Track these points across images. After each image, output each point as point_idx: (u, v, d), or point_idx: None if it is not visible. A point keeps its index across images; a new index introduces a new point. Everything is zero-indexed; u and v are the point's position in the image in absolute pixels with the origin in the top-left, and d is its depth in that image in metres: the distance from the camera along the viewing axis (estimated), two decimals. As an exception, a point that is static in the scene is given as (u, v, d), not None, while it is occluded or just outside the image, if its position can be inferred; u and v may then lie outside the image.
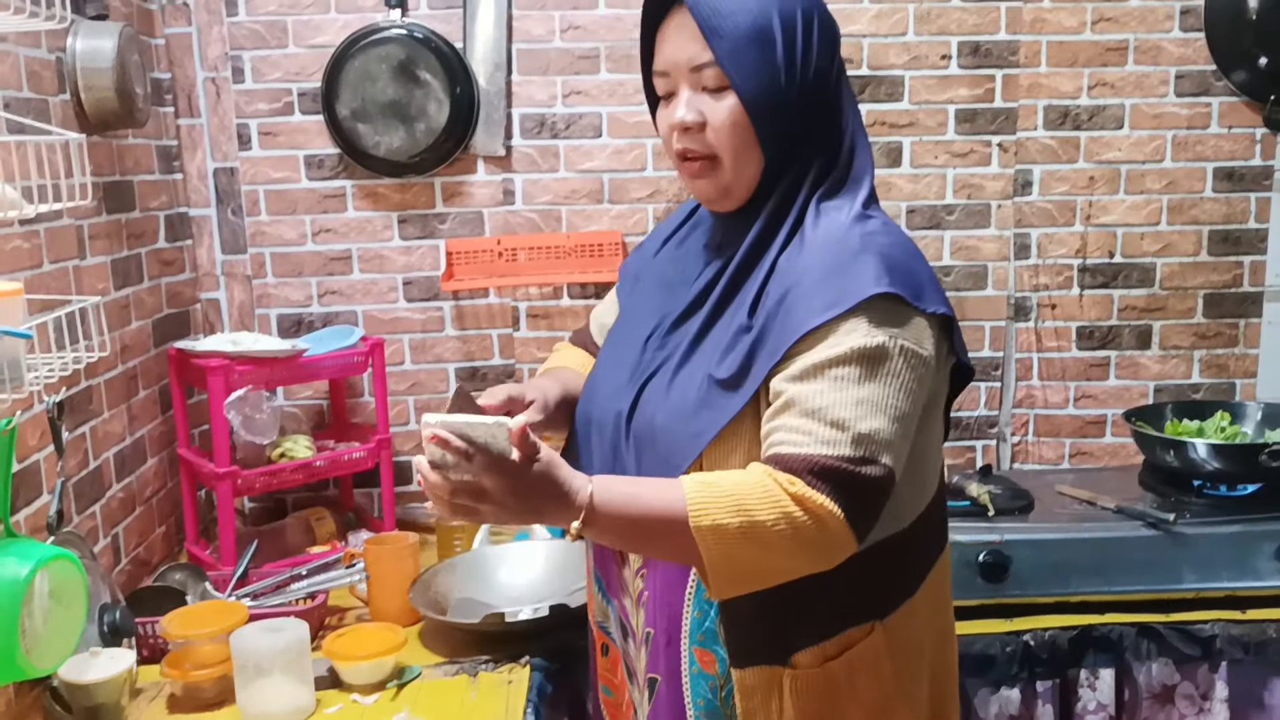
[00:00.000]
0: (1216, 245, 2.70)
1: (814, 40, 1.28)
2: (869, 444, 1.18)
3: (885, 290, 1.21)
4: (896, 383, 1.21)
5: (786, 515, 1.16)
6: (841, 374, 1.20)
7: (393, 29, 2.50)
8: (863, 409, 1.19)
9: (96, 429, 2.12)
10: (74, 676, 1.70)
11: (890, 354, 1.20)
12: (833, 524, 1.17)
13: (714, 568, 1.19)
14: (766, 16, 1.26)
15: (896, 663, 1.34)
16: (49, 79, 1.98)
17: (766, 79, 1.26)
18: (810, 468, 1.17)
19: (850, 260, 1.23)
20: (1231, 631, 2.09)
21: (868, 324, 1.20)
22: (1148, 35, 2.62)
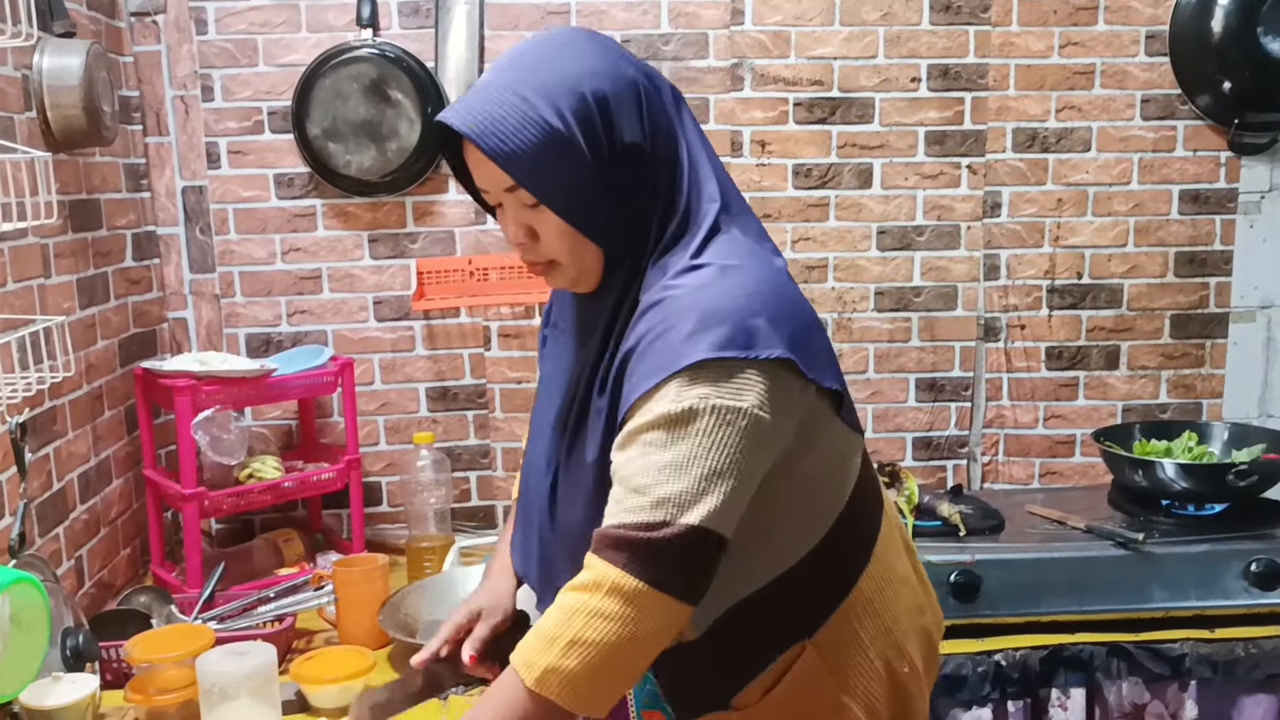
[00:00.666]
0: (1183, 267, 2.73)
1: (613, 117, 1.23)
2: (667, 507, 1.16)
3: (699, 359, 1.17)
4: (707, 441, 1.17)
5: (593, 614, 1.16)
6: (649, 439, 1.18)
7: (364, 48, 2.49)
8: (665, 472, 1.17)
9: (60, 450, 2.09)
10: (35, 702, 1.67)
11: (699, 414, 1.17)
12: (641, 597, 1.15)
13: (574, 702, 1.18)
14: (553, 121, 1.20)
15: (836, 668, 1.33)
16: (15, 96, 1.96)
17: (574, 182, 1.22)
18: (609, 541, 1.17)
19: (674, 325, 1.19)
20: (1200, 650, 2.10)
21: (678, 388, 1.18)
22: (1114, 60, 2.65)
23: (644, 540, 1.15)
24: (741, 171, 2.64)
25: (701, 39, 2.59)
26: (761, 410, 1.18)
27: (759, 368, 1.18)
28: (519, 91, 1.21)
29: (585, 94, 1.21)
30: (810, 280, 2.68)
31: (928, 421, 2.76)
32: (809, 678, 1.31)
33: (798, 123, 2.63)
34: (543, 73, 1.23)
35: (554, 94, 1.21)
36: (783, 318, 1.21)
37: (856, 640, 1.34)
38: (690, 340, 1.17)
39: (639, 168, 1.25)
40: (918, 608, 1.46)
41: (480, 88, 1.25)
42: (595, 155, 1.22)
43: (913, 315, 2.72)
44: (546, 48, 1.27)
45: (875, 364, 2.73)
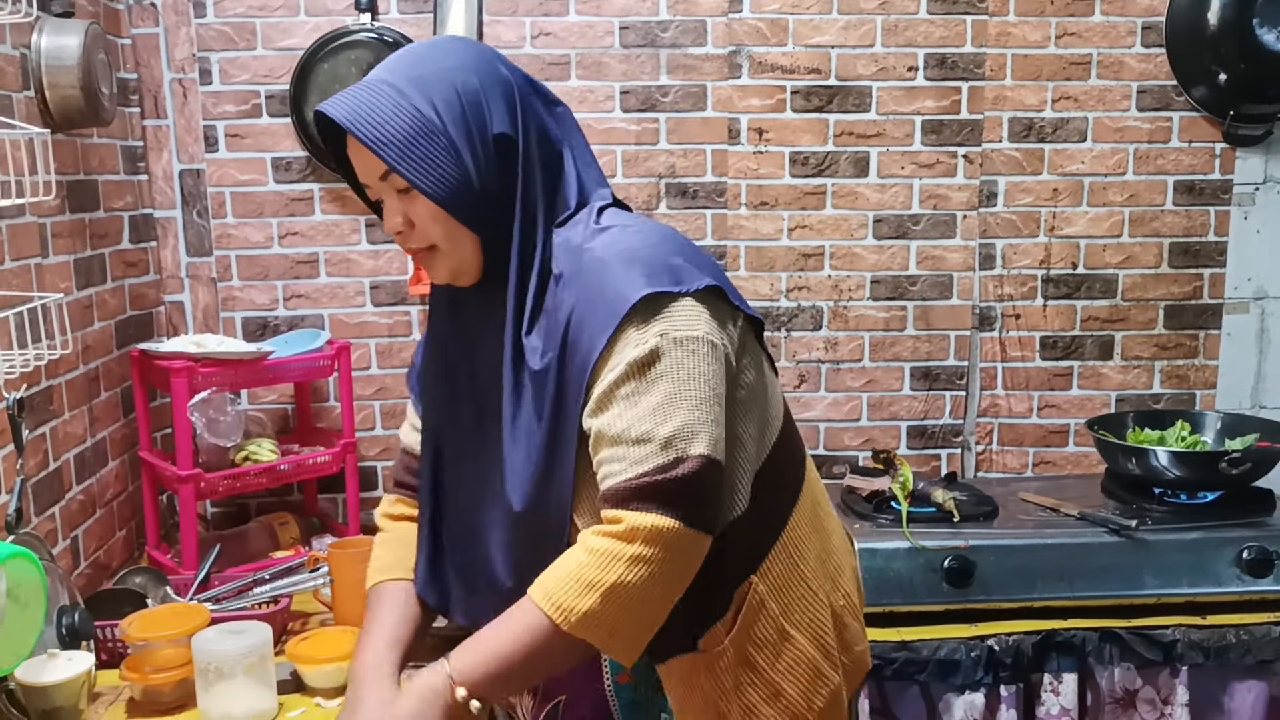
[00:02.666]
0: (1177, 258, 2.74)
1: (484, 110, 1.29)
2: (676, 443, 1.21)
3: (641, 294, 1.23)
4: (682, 373, 1.23)
5: (632, 559, 1.19)
6: (628, 390, 1.23)
7: (362, 32, 2.49)
8: (659, 414, 1.22)
9: (57, 430, 2.09)
10: (31, 678, 1.67)
11: (664, 351, 1.23)
12: (675, 537, 1.20)
13: (611, 647, 1.24)
14: (423, 113, 1.26)
15: (780, 600, 1.38)
16: (13, 75, 1.96)
17: (445, 169, 1.27)
18: (631, 494, 1.21)
19: (603, 278, 1.26)
20: (1192, 636, 2.11)
21: (635, 332, 1.24)
22: (1110, 50, 2.66)
23: (667, 481, 1.20)
24: (738, 159, 2.64)
25: (700, 26, 2.60)
26: (712, 335, 1.26)
27: (695, 298, 1.26)
28: (394, 84, 1.28)
29: (455, 86, 1.28)
30: (806, 268, 2.69)
31: (922, 410, 2.77)
32: (758, 612, 1.36)
33: (795, 111, 2.64)
34: (417, 68, 1.30)
35: (426, 86, 1.28)
36: (694, 257, 1.31)
37: (797, 572, 1.40)
38: (625, 285, 1.24)
39: (511, 158, 1.31)
40: (846, 548, 1.54)
41: (359, 84, 1.31)
42: (465, 143, 1.27)
43: (908, 304, 2.73)
44: (424, 48, 1.36)
45: (871, 352, 2.74)
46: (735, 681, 1.37)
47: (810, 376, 2.74)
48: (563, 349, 1.28)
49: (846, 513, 2.30)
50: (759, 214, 2.67)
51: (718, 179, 2.65)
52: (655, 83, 2.61)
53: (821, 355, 2.73)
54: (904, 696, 2.12)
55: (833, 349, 2.73)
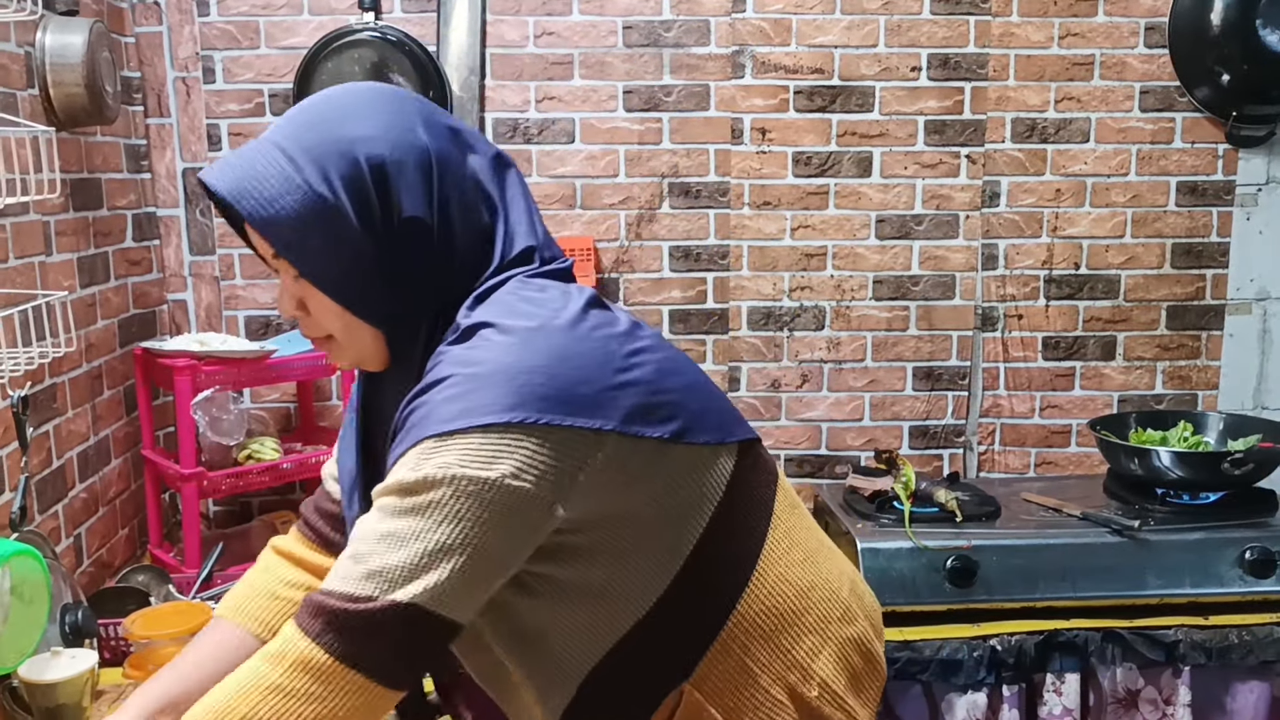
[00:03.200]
0: (1179, 258, 2.75)
1: (391, 187, 1.11)
2: (377, 580, 1.05)
3: (441, 430, 1.06)
4: (439, 514, 1.05)
5: (274, 688, 1.05)
6: (382, 505, 1.09)
7: (366, 31, 2.50)
8: (384, 544, 1.06)
9: (60, 428, 2.09)
10: (34, 676, 1.66)
11: (435, 483, 1.05)
12: (328, 673, 1.04)
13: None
14: (318, 187, 1.09)
15: (727, 706, 1.22)
16: (17, 73, 1.96)
17: (341, 257, 1.11)
18: (309, 607, 1.07)
19: (430, 393, 1.10)
20: (1194, 637, 2.11)
21: (417, 456, 1.07)
22: (1113, 51, 2.66)
23: (344, 611, 1.04)
24: (741, 159, 2.65)
25: (703, 26, 2.60)
26: (517, 479, 1.06)
27: (524, 431, 1.06)
28: (287, 151, 1.11)
29: (359, 159, 1.10)
30: (809, 268, 2.69)
31: (924, 410, 2.77)
32: (697, 717, 1.20)
33: (798, 111, 2.64)
34: (316, 132, 1.12)
35: (324, 157, 1.10)
36: (563, 370, 1.09)
37: (745, 671, 1.22)
38: (444, 405, 1.08)
39: (421, 244, 1.13)
40: (839, 617, 1.30)
41: (251, 144, 1.15)
42: (367, 228, 1.11)
43: (910, 304, 2.73)
44: (328, 104, 1.16)
45: (873, 352, 2.74)
46: None
47: (812, 376, 2.75)
48: None
49: (849, 513, 2.30)
50: (762, 214, 2.67)
51: (720, 179, 2.65)
52: (658, 82, 2.61)
53: (824, 355, 2.74)
54: (906, 696, 2.12)
55: (835, 349, 2.74)
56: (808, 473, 2.77)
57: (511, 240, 1.19)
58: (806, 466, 2.77)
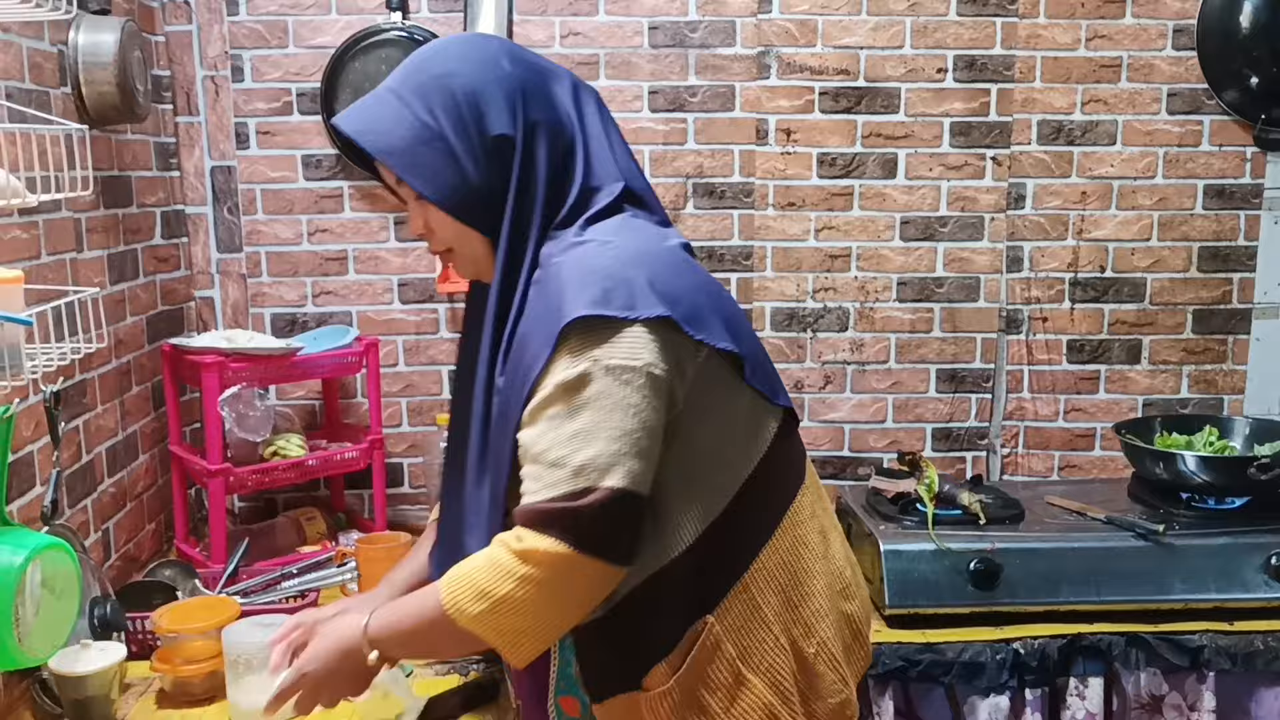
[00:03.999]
0: (1206, 262, 2.73)
1: (483, 114, 1.30)
2: (586, 473, 1.20)
3: (579, 315, 1.22)
4: (608, 402, 1.22)
5: (522, 579, 1.21)
6: (553, 413, 1.23)
7: (393, 31, 2.51)
8: (576, 441, 1.21)
9: (90, 423, 2.11)
10: (64, 668, 1.69)
11: (593, 377, 1.22)
12: (567, 564, 1.20)
13: (499, 646, 1.26)
14: (422, 121, 1.30)
15: (738, 643, 1.35)
16: (50, 71, 1.98)
17: (445, 177, 1.30)
18: (535, 516, 1.21)
19: (554, 296, 1.26)
20: (1219, 642, 2.10)
21: (568, 356, 1.23)
22: (1141, 53, 2.65)
23: (570, 509, 1.20)
24: (766, 159, 2.65)
25: (729, 27, 2.60)
26: (655, 369, 1.24)
27: (645, 325, 1.24)
28: (397, 92, 1.32)
29: (454, 90, 1.30)
30: (833, 269, 2.69)
31: (948, 412, 2.77)
32: (713, 652, 1.33)
33: (823, 112, 2.64)
34: (419, 74, 1.33)
35: (426, 93, 1.31)
36: (663, 279, 1.27)
37: (759, 614, 1.36)
38: (570, 303, 1.23)
39: (510, 157, 1.31)
40: (840, 591, 1.47)
41: (369, 94, 1.36)
42: (466, 147, 1.30)
43: (935, 306, 2.72)
44: (429, 52, 1.37)
45: (896, 354, 2.74)
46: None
47: (836, 378, 2.74)
48: (512, 364, 1.31)
49: (872, 514, 2.30)
50: (786, 215, 2.67)
51: (745, 179, 2.66)
52: (684, 83, 2.61)
53: (847, 356, 2.73)
54: (928, 699, 2.12)
55: (859, 350, 2.73)
56: (830, 474, 2.77)
57: (591, 161, 1.35)
58: (829, 468, 2.77)
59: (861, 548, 2.23)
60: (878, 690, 2.09)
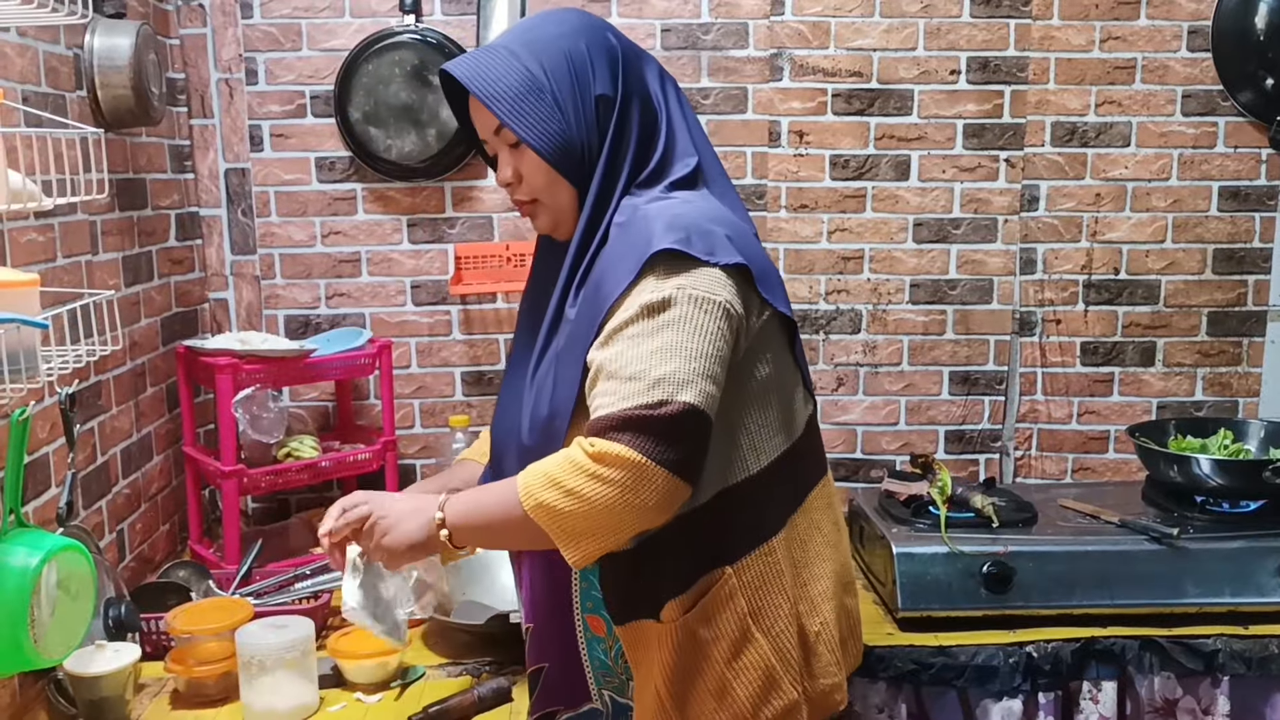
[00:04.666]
0: (1221, 264, 2.72)
1: (587, 73, 1.41)
2: (664, 385, 1.27)
3: (665, 247, 1.32)
4: (689, 326, 1.30)
5: (594, 475, 1.26)
6: (634, 331, 1.31)
7: (406, 34, 2.52)
8: (656, 357, 1.28)
9: (104, 424, 2.12)
10: (79, 669, 1.70)
11: (677, 301, 1.30)
12: (640, 469, 1.25)
13: (558, 539, 1.31)
14: (533, 71, 1.40)
15: (752, 601, 1.43)
16: (66, 74, 2.00)
17: (548, 126, 1.40)
18: (611, 424, 1.27)
19: (638, 232, 1.36)
20: (1234, 646, 2.09)
21: (654, 280, 1.32)
22: (1155, 55, 2.64)
23: (647, 418, 1.26)
24: (779, 161, 2.65)
25: (741, 29, 2.60)
26: (731, 306, 1.33)
27: (724, 270, 1.34)
28: (510, 48, 1.43)
29: (564, 50, 1.41)
30: (846, 271, 2.69)
31: (961, 415, 2.76)
32: (724, 603, 1.41)
33: (836, 114, 2.64)
34: (531, 34, 1.44)
35: (537, 50, 1.41)
36: (740, 240, 1.39)
37: (776, 580, 1.45)
38: (657, 238, 1.33)
39: (608, 117, 1.42)
40: (845, 584, 1.59)
41: (481, 47, 1.49)
42: (569, 101, 1.40)
43: (948, 308, 2.72)
44: (539, 18, 1.49)
45: (909, 356, 2.73)
46: (685, 664, 1.42)
47: (848, 380, 2.74)
48: (586, 295, 1.38)
49: (885, 517, 2.30)
50: (799, 217, 2.67)
51: (758, 181, 2.65)
52: (696, 85, 2.61)
53: (860, 359, 2.73)
54: (941, 702, 2.11)
55: (871, 352, 2.73)
56: (843, 476, 2.77)
57: (673, 135, 1.46)
58: (842, 470, 2.77)
59: (874, 550, 2.23)
60: (890, 693, 2.08)
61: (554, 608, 1.51)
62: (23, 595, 1.44)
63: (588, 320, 1.37)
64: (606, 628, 1.48)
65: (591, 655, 1.51)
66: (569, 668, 1.52)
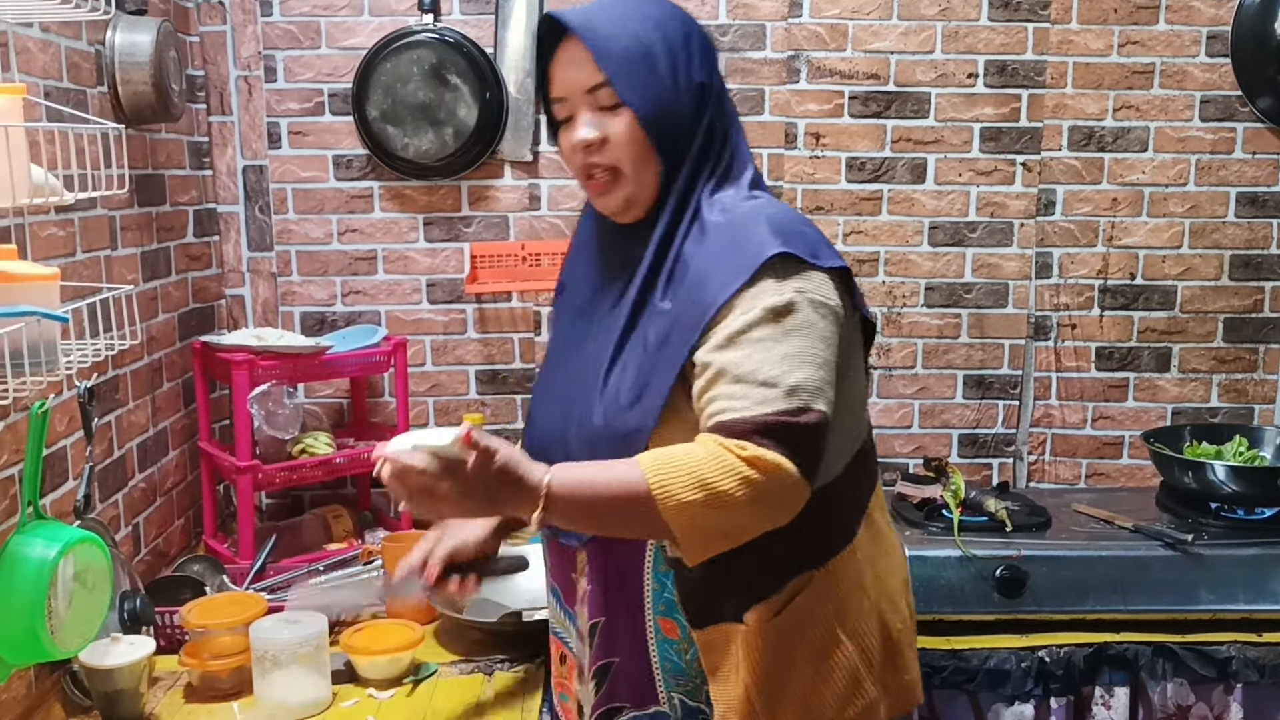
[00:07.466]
0: (1238, 270, 2.71)
1: (692, 56, 1.40)
2: (800, 394, 1.25)
3: (781, 250, 1.30)
4: (812, 332, 1.29)
5: (745, 479, 1.22)
6: (761, 335, 1.28)
7: (425, 33, 2.52)
8: (788, 363, 1.26)
9: (122, 418, 2.13)
10: (94, 661, 1.71)
11: (799, 306, 1.29)
12: (785, 478, 1.24)
13: (685, 540, 1.27)
14: (648, 38, 1.38)
15: (837, 603, 1.42)
16: (88, 71, 2.01)
17: (655, 93, 1.37)
18: (755, 428, 1.24)
19: (745, 232, 1.34)
20: (1247, 654, 2.09)
21: (774, 283, 1.30)
22: (1174, 60, 2.63)
23: (791, 425, 1.24)
24: (795, 163, 2.65)
25: (759, 31, 2.60)
26: (839, 310, 1.34)
27: (828, 273, 1.34)
28: (625, 10, 1.40)
29: (675, 31, 1.40)
30: (860, 274, 2.69)
31: (975, 419, 2.76)
32: (812, 607, 1.40)
33: (853, 116, 2.64)
34: (644, 8, 1.41)
35: (649, 25, 1.39)
36: (831, 245, 1.39)
37: (859, 582, 1.44)
38: (767, 240, 1.31)
39: (704, 105, 1.40)
40: (904, 580, 1.56)
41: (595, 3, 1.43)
42: (674, 79, 1.38)
43: (963, 312, 2.72)
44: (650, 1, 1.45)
45: (924, 359, 2.73)
46: (773, 667, 1.39)
47: (862, 382, 2.74)
48: (686, 291, 1.35)
49: (897, 520, 2.30)
50: (814, 218, 2.66)
51: (774, 183, 2.65)
52: (713, 86, 2.61)
53: (874, 361, 2.73)
54: (953, 706, 2.11)
55: (885, 355, 2.73)
56: (855, 479, 2.76)
57: (741, 137, 1.46)
58: (854, 472, 2.76)
59: (886, 553, 2.22)
60: (901, 696, 2.08)
61: (625, 605, 1.47)
62: (40, 587, 1.45)
63: (691, 318, 1.33)
64: (681, 631, 1.44)
65: (663, 657, 1.46)
66: (637, 667, 1.48)
